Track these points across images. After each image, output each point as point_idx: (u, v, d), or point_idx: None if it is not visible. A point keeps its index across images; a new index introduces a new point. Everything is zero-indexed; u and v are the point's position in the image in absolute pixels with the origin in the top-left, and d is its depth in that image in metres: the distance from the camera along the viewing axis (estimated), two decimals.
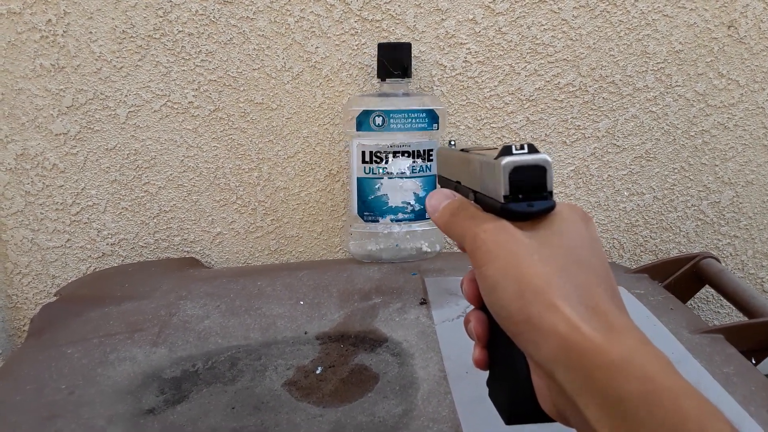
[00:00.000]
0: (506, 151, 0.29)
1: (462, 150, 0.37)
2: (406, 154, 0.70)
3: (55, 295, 0.75)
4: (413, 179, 0.71)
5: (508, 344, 0.28)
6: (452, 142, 0.45)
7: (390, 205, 0.72)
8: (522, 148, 0.29)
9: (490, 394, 0.33)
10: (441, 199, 0.35)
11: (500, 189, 0.29)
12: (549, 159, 0.29)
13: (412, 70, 0.74)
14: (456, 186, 0.38)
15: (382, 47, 0.71)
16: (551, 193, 0.29)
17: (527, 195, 0.29)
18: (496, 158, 0.29)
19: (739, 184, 0.80)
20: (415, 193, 0.72)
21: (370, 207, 0.73)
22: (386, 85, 0.72)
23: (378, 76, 0.72)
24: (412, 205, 0.72)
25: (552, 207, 0.29)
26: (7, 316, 0.82)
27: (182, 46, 0.73)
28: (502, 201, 0.29)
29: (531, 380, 0.28)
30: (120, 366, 0.57)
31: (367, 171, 0.71)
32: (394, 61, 0.70)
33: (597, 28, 0.74)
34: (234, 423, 0.49)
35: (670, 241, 0.83)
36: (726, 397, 0.50)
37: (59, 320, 0.65)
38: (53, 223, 0.79)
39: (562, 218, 0.30)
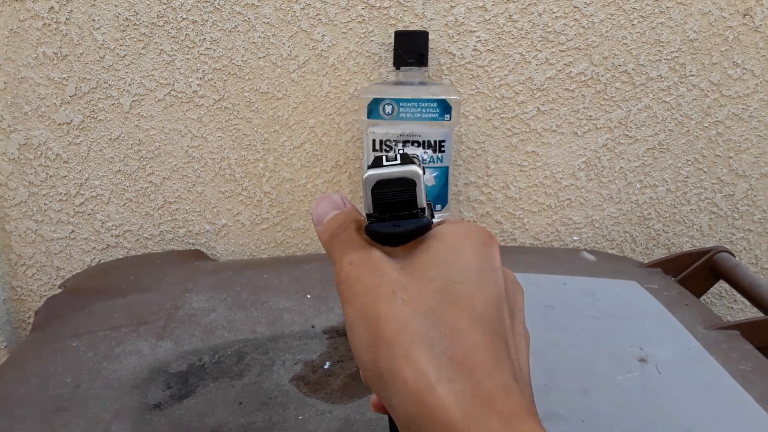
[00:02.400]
0: (376, 162, 0.25)
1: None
2: (416, 144, 0.69)
3: (59, 287, 0.74)
4: None
5: None
6: (401, 149, 0.39)
7: None
8: (395, 158, 0.25)
9: None
10: (328, 208, 0.28)
11: (367, 207, 0.25)
12: (419, 170, 0.25)
13: None
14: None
15: (398, 35, 0.69)
16: (424, 210, 0.25)
17: (396, 214, 0.25)
18: (369, 167, 0.25)
19: (754, 177, 0.79)
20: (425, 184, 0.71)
21: None
22: (401, 74, 0.70)
23: (394, 65, 0.70)
24: None
25: (425, 226, 0.25)
26: (12, 309, 0.81)
27: (186, 34, 0.72)
28: (367, 222, 0.25)
29: None
30: (126, 359, 0.56)
31: None
32: (409, 49, 0.69)
33: (610, 16, 0.72)
34: (242, 419, 0.48)
35: (683, 235, 0.82)
36: (743, 395, 0.49)
37: (64, 313, 0.65)
38: (57, 214, 0.78)
39: (446, 243, 0.25)
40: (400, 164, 0.25)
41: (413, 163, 0.25)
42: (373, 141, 0.69)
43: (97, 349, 0.58)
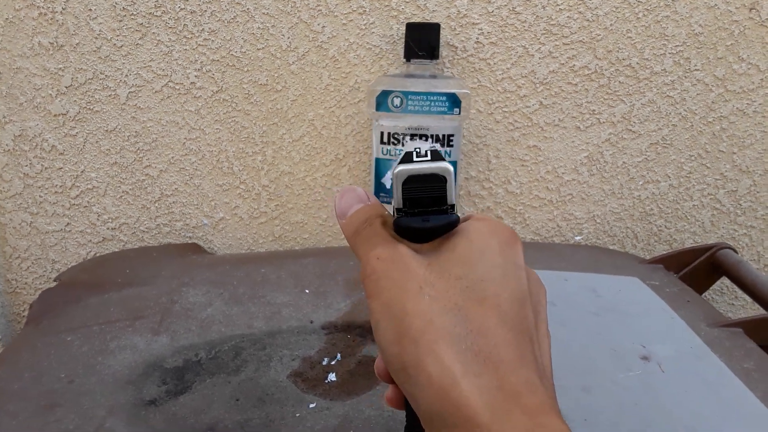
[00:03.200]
0: (405, 158, 0.25)
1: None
2: (423, 138, 0.68)
3: (54, 281, 0.73)
4: None
5: None
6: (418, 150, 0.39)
7: None
8: (425, 155, 0.25)
9: None
10: (351, 202, 0.29)
11: (397, 201, 0.25)
12: (450, 168, 0.25)
13: None
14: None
15: (409, 27, 0.68)
16: (453, 206, 0.25)
17: (425, 209, 0.25)
18: (400, 162, 0.25)
19: (757, 173, 0.78)
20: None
21: (385, 188, 0.71)
22: (412, 66, 0.69)
23: (404, 56, 0.69)
24: None
25: (453, 223, 0.25)
26: (6, 302, 0.80)
27: (184, 25, 0.71)
28: (396, 215, 0.25)
29: None
30: (120, 354, 0.55)
31: (385, 152, 0.70)
32: (420, 41, 0.68)
33: (614, 9, 0.71)
34: (238, 416, 0.47)
35: (685, 231, 0.81)
36: (746, 394, 0.49)
37: (59, 306, 0.64)
38: (52, 207, 0.77)
39: (472, 241, 0.25)
40: (431, 160, 0.25)
41: (443, 159, 0.25)
42: (381, 134, 0.69)
43: (91, 344, 0.57)
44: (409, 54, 0.69)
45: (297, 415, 0.47)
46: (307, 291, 0.65)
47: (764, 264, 0.82)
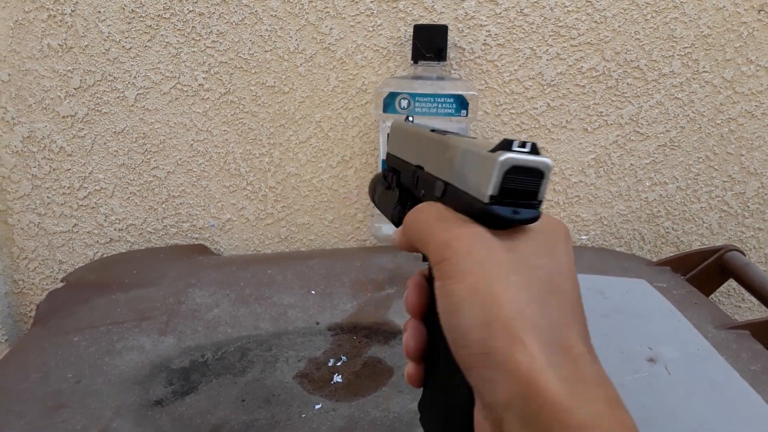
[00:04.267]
0: (505, 145, 0.24)
1: (433, 131, 0.32)
2: None
3: (61, 281, 0.73)
4: None
5: (451, 370, 0.25)
6: (410, 119, 0.39)
7: None
8: (523, 145, 0.24)
9: (422, 420, 0.29)
10: None
11: (487, 187, 0.24)
12: (551, 164, 0.24)
13: None
14: (415, 171, 0.32)
15: (417, 29, 0.68)
16: (540, 203, 0.25)
17: (515, 200, 0.24)
18: (492, 151, 0.24)
19: (765, 175, 0.78)
20: None
21: None
22: (419, 68, 0.70)
23: (412, 58, 0.70)
24: None
25: (536, 218, 0.25)
26: (14, 302, 0.81)
27: (192, 27, 0.71)
28: (486, 201, 0.24)
29: (472, 416, 0.24)
30: (127, 355, 0.55)
31: None
32: (428, 43, 0.68)
33: (623, 11, 0.71)
34: (244, 416, 0.47)
35: (692, 233, 0.81)
36: (753, 396, 0.48)
37: (66, 307, 0.64)
38: (60, 208, 0.77)
39: (544, 235, 0.25)
40: (530, 153, 0.24)
41: (541, 154, 0.24)
42: (388, 136, 0.69)
43: (98, 344, 0.57)
44: (417, 56, 0.69)
45: (303, 415, 0.47)
46: (313, 292, 0.65)
47: None
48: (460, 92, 0.67)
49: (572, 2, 0.71)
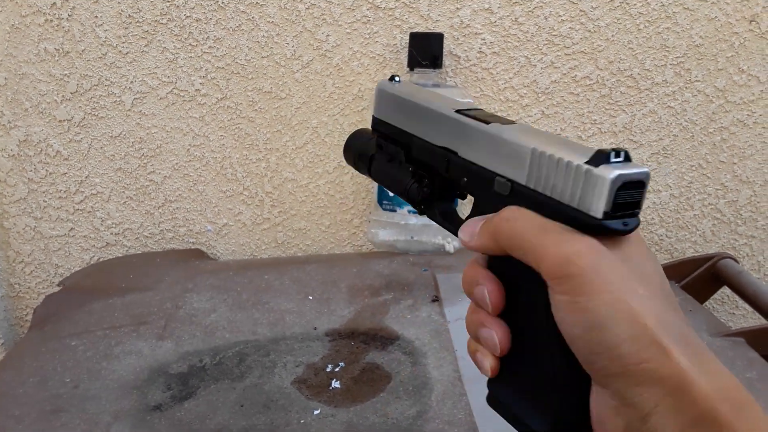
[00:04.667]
0: (602, 158, 0.24)
1: (462, 112, 0.31)
2: None
3: (58, 285, 0.73)
4: None
5: (555, 348, 0.25)
6: (397, 78, 0.37)
7: None
8: (618, 155, 0.24)
9: (498, 399, 0.30)
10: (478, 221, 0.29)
11: (599, 204, 0.24)
12: (649, 171, 0.25)
13: None
14: (445, 155, 0.32)
15: (413, 37, 0.69)
16: (640, 210, 0.25)
17: (623, 212, 0.25)
18: (590, 163, 0.24)
19: (757, 183, 0.79)
20: None
21: (388, 196, 0.72)
22: (415, 75, 0.70)
23: (408, 66, 0.70)
24: None
25: (638, 225, 0.26)
26: (9, 306, 0.80)
27: (189, 32, 0.71)
28: (600, 217, 0.25)
29: (588, 401, 0.25)
30: (125, 360, 0.55)
31: None
32: (423, 51, 0.69)
33: (616, 20, 0.72)
34: (243, 421, 0.47)
35: (685, 240, 0.82)
36: None
37: (63, 311, 0.64)
38: (56, 212, 0.77)
39: (637, 240, 0.26)
40: (624, 161, 0.24)
41: (633, 161, 0.25)
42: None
43: (96, 349, 0.57)
44: (413, 63, 0.69)
45: (302, 421, 0.47)
46: (310, 298, 0.65)
47: (765, 273, 0.83)
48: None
49: (566, 12, 0.72)
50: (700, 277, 0.70)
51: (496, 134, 0.29)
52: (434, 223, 0.36)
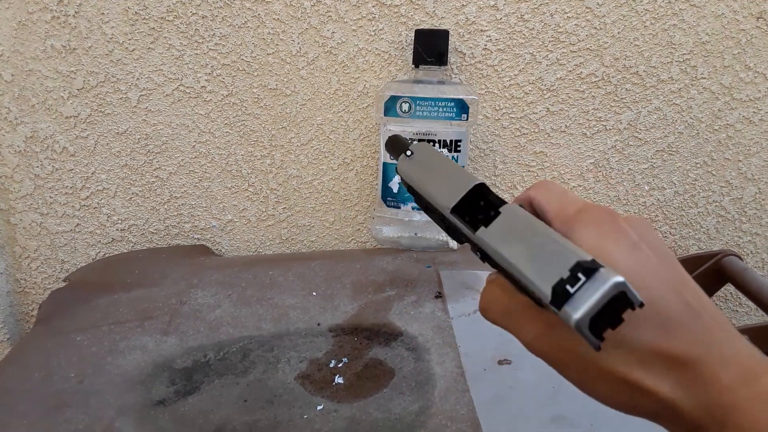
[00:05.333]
0: (562, 296, 0.22)
1: (458, 210, 0.30)
2: (431, 143, 0.69)
3: (64, 281, 0.74)
4: None
5: None
6: (408, 153, 0.37)
7: None
8: (576, 279, 0.22)
9: None
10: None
11: (587, 341, 0.23)
12: (621, 278, 0.22)
13: None
14: (443, 218, 0.32)
15: (418, 33, 0.69)
16: (642, 304, 0.23)
17: (607, 326, 0.23)
18: (555, 307, 0.23)
19: (762, 181, 0.78)
20: None
21: (392, 192, 0.72)
22: (420, 72, 0.70)
23: (413, 62, 0.70)
24: None
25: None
26: (16, 301, 0.81)
27: (196, 29, 0.71)
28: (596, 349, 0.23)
29: None
30: (130, 355, 0.56)
31: (392, 157, 0.70)
32: (429, 47, 0.69)
33: (622, 17, 0.72)
34: (246, 417, 0.48)
35: (689, 238, 0.81)
36: None
37: (68, 306, 0.64)
38: (62, 208, 0.77)
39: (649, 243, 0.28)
40: (586, 280, 0.22)
41: (600, 266, 0.22)
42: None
43: (101, 344, 0.57)
44: (418, 60, 0.69)
45: (305, 416, 0.48)
46: (314, 293, 0.65)
47: None
48: (460, 96, 0.68)
49: (572, 9, 0.71)
50: (703, 275, 0.70)
51: (479, 241, 0.28)
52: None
